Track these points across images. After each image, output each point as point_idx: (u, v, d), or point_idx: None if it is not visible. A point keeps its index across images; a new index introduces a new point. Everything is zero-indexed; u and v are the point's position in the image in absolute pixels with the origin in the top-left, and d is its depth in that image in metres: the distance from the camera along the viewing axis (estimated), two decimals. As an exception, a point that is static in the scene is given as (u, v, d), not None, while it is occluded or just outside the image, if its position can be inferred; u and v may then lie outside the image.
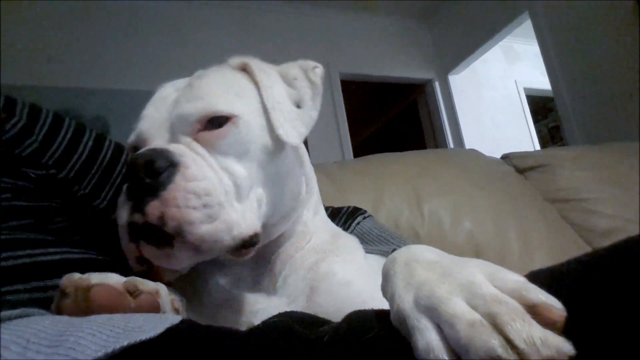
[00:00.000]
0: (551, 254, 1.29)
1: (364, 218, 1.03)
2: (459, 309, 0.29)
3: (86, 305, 0.42)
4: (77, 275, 0.44)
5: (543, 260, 1.25)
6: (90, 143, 0.73)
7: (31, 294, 0.52)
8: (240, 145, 0.56)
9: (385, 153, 1.59)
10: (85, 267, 0.47)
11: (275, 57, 0.68)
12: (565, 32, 3.11)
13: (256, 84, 0.64)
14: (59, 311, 0.43)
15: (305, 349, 0.33)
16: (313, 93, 0.68)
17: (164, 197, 0.47)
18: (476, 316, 0.28)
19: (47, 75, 3.07)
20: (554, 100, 3.30)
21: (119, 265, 0.54)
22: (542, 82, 3.91)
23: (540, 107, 5.29)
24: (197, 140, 0.55)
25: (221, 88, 0.60)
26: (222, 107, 0.57)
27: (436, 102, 4.62)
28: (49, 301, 0.46)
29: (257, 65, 0.67)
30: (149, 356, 0.34)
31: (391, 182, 1.38)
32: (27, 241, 0.57)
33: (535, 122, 4.92)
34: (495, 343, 0.26)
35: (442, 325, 0.30)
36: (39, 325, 0.33)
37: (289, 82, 0.68)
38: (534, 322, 0.27)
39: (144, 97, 0.63)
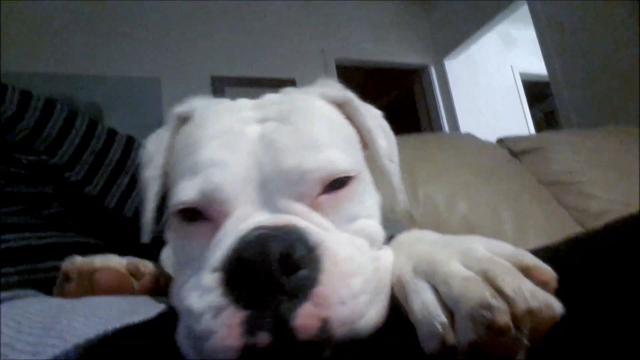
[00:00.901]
0: (545, 236, 1.30)
1: None
2: (454, 268, 0.31)
3: (91, 288, 0.42)
4: (79, 259, 0.44)
5: (537, 242, 1.24)
6: (82, 129, 0.73)
7: (21, 276, 0.52)
8: (361, 203, 0.44)
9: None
10: (78, 251, 0.46)
11: (269, 43, 0.66)
12: (561, 17, 3.09)
13: (355, 125, 0.52)
14: (62, 294, 0.43)
15: None
16: (392, 146, 0.57)
17: (321, 294, 0.32)
18: (470, 273, 0.29)
19: (40, 62, 3.04)
20: (549, 85, 3.30)
21: (111, 250, 0.54)
22: (538, 67, 3.89)
23: (536, 93, 5.28)
24: (313, 205, 0.40)
25: (333, 134, 0.45)
26: (346, 164, 0.42)
27: (432, 87, 4.61)
28: (40, 283, 0.46)
29: (360, 105, 0.53)
30: (141, 338, 0.34)
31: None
32: (17, 225, 0.57)
33: (531, 107, 4.91)
34: (486, 293, 0.27)
35: (437, 286, 0.30)
36: (32, 308, 0.33)
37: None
38: (525, 279, 0.28)
39: (138, 84, 0.59)
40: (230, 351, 0.31)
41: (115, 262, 0.45)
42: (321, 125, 0.45)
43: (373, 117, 0.56)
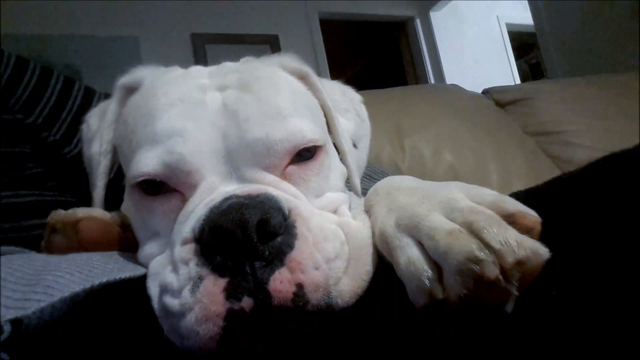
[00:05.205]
0: (529, 185, 1.31)
1: None
2: (437, 221, 0.30)
3: (76, 238, 0.42)
4: (62, 212, 0.44)
5: (521, 191, 1.29)
6: (58, 86, 0.71)
7: (5, 234, 0.52)
8: (327, 177, 0.45)
9: (365, 90, 1.57)
10: (61, 209, 0.46)
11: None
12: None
13: (319, 101, 0.52)
14: (50, 248, 0.43)
15: None
16: (363, 132, 0.58)
17: (296, 259, 0.32)
18: (454, 226, 0.29)
19: (14, 22, 2.91)
20: (535, 36, 3.26)
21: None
22: (524, 17, 3.85)
23: (522, 44, 5.25)
24: (282, 176, 0.41)
25: (296, 102, 0.45)
26: (312, 133, 0.42)
27: (417, 39, 4.55)
28: (24, 241, 0.46)
29: (318, 81, 0.52)
30: (128, 294, 0.34)
31: (372, 118, 1.37)
32: None
33: (517, 58, 4.89)
34: (473, 246, 0.27)
35: (422, 240, 0.30)
36: (15, 265, 0.33)
37: (340, 111, 0.56)
38: (510, 228, 0.28)
39: (116, 43, 0.56)
40: (215, 319, 0.30)
41: (98, 213, 0.45)
42: (284, 93, 0.44)
43: (341, 96, 0.57)
